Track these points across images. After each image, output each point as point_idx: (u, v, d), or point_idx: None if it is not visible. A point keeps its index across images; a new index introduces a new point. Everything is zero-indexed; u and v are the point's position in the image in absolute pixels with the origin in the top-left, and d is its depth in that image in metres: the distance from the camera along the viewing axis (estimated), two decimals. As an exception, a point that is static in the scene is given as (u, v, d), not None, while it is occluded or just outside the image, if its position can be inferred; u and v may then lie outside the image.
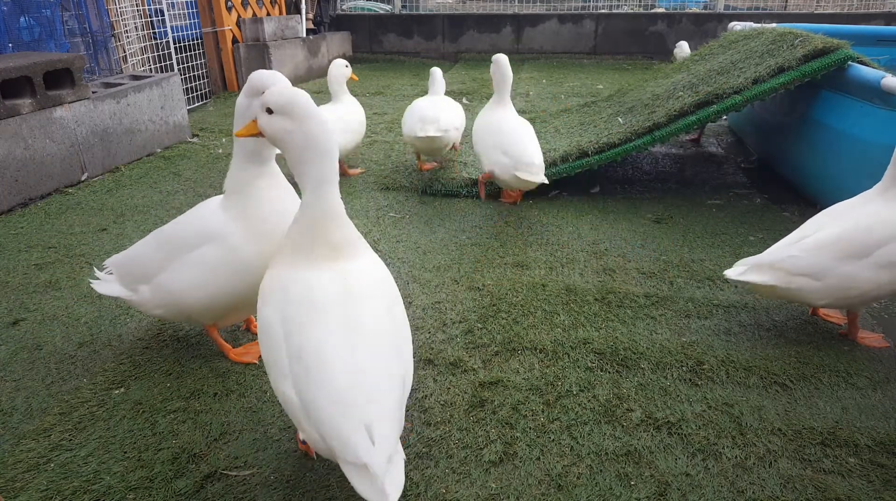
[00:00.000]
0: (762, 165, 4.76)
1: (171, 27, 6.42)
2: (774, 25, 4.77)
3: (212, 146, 5.31)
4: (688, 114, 3.74)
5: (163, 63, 6.38)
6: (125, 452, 1.92)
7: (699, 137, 5.47)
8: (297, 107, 1.60)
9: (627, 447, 1.93)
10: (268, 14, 8.09)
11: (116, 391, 2.20)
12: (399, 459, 1.43)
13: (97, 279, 2.38)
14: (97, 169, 4.49)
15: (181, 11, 6.75)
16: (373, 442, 1.37)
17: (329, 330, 1.52)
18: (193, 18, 6.99)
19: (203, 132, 5.69)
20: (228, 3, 7.30)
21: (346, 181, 4.39)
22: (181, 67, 6.61)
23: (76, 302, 2.79)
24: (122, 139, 4.71)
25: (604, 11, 9.86)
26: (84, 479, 1.81)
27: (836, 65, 3.54)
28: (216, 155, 5.07)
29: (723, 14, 9.33)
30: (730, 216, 3.77)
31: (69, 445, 1.95)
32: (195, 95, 6.86)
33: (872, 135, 3.27)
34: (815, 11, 9.68)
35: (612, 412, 2.08)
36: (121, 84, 4.84)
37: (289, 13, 8.63)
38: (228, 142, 5.41)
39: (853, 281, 2.27)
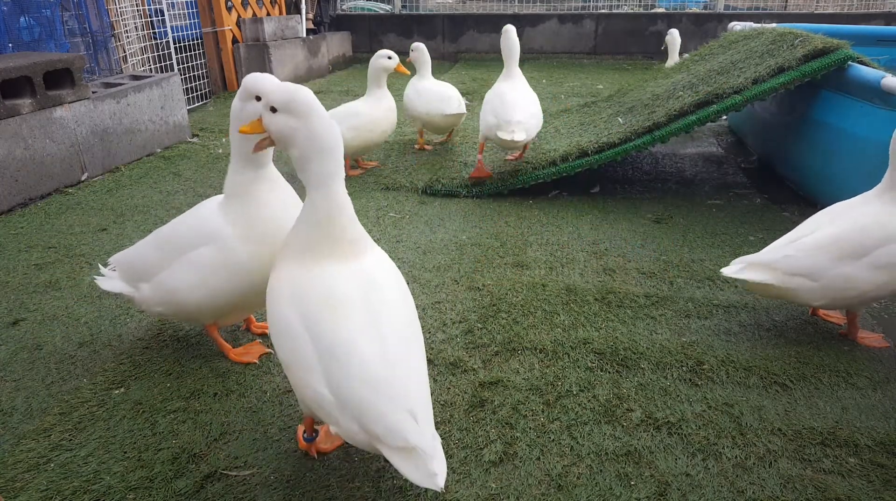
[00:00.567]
0: (762, 165, 4.76)
1: (171, 27, 6.42)
2: (774, 25, 4.77)
3: (212, 146, 5.31)
4: (688, 114, 3.74)
5: (163, 63, 6.38)
6: (125, 452, 1.92)
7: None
8: (301, 104, 1.60)
9: (627, 447, 1.93)
10: (268, 14, 8.09)
11: (116, 391, 2.20)
12: (438, 441, 1.48)
13: (102, 276, 2.41)
14: (97, 169, 4.49)
15: (181, 11, 6.75)
16: (418, 425, 1.43)
17: (357, 324, 1.55)
18: (193, 18, 6.99)
19: (203, 132, 5.69)
20: (228, 3, 7.30)
21: (347, 181, 4.39)
22: (181, 67, 6.61)
23: (76, 302, 2.79)
24: (122, 139, 4.71)
25: (604, 11, 9.86)
26: (84, 479, 1.81)
27: (836, 65, 3.54)
28: (216, 155, 5.07)
29: (723, 14, 9.33)
30: (730, 216, 3.77)
31: (69, 445, 1.95)
32: (195, 95, 6.86)
33: (872, 135, 3.27)
34: (815, 11, 9.68)
35: (612, 412, 2.08)
36: (121, 84, 4.84)
37: (289, 13, 8.63)
38: (228, 142, 5.41)
39: (849, 282, 2.27)
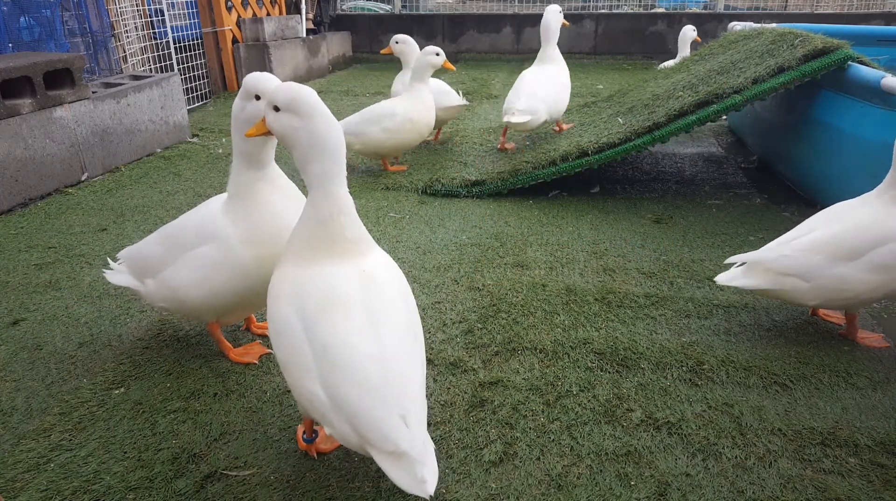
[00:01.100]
0: (762, 165, 4.76)
1: (171, 27, 6.42)
2: (774, 25, 4.77)
3: (212, 146, 5.31)
4: (688, 114, 3.74)
5: (163, 63, 6.38)
6: (125, 452, 1.92)
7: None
8: (303, 104, 1.60)
9: (627, 447, 1.93)
10: (268, 14, 8.09)
11: (116, 391, 2.20)
12: (430, 446, 1.45)
13: (110, 270, 2.45)
14: (97, 169, 4.49)
15: (181, 11, 6.75)
16: (409, 430, 1.40)
17: (353, 324, 1.53)
18: (193, 18, 6.99)
19: (203, 132, 5.69)
20: (228, 3, 7.30)
21: (347, 181, 4.39)
22: (181, 67, 6.61)
23: (76, 302, 2.79)
24: (122, 139, 4.71)
25: (604, 11, 9.86)
26: (84, 479, 1.81)
27: (836, 65, 3.54)
28: (216, 155, 5.07)
29: (723, 14, 9.33)
30: (730, 216, 3.77)
31: (69, 445, 1.95)
32: (195, 95, 6.85)
33: (872, 135, 3.27)
34: (815, 11, 9.68)
35: (612, 412, 2.08)
36: (121, 84, 4.84)
37: (289, 13, 8.63)
38: (228, 142, 5.41)
39: (844, 283, 2.26)
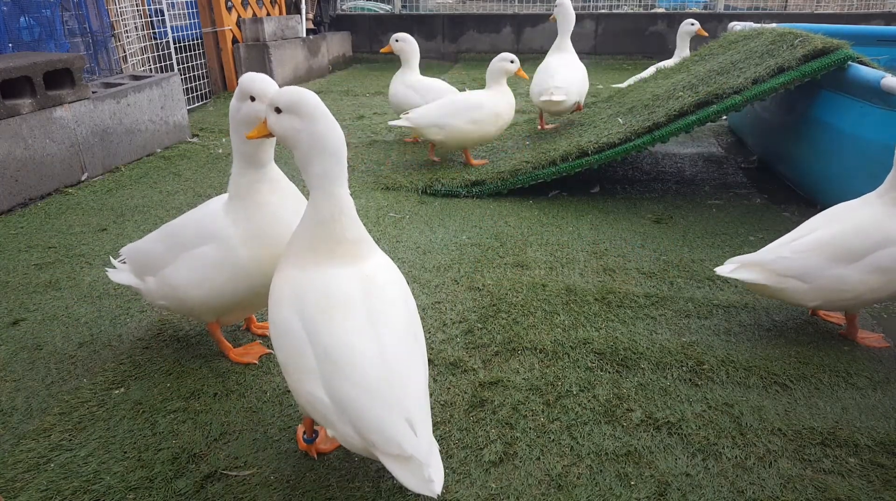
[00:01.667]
0: (762, 165, 4.76)
1: (171, 27, 6.42)
2: (774, 25, 4.77)
3: (212, 146, 5.31)
4: (688, 114, 3.74)
5: (163, 63, 6.38)
6: (125, 452, 1.92)
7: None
8: (305, 105, 1.60)
9: (627, 447, 1.93)
10: (268, 14, 8.09)
11: (116, 391, 2.20)
12: (435, 447, 1.45)
13: (113, 269, 2.45)
14: (97, 169, 4.49)
15: (181, 11, 6.75)
16: (415, 433, 1.40)
17: (355, 326, 1.53)
18: (193, 18, 6.99)
19: (203, 132, 5.69)
20: (228, 3, 7.30)
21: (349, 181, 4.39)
22: (181, 67, 6.61)
23: (76, 302, 2.79)
24: (122, 139, 4.71)
25: (604, 11, 9.86)
26: (84, 479, 1.81)
27: (836, 65, 3.54)
28: (216, 155, 5.07)
29: (723, 14, 9.32)
30: (730, 216, 3.77)
31: (69, 445, 1.95)
32: (195, 95, 6.86)
33: (872, 135, 3.27)
34: (815, 11, 9.68)
35: (612, 412, 2.08)
36: (121, 84, 4.84)
37: (289, 13, 8.63)
38: (228, 142, 5.41)
39: (843, 285, 2.26)
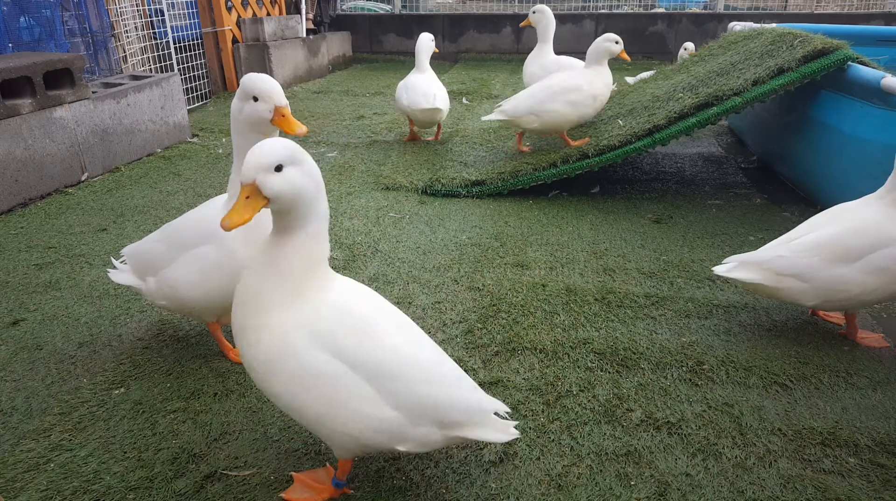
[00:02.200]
0: (762, 165, 4.76)
1: (171, 27, 6.42)
2: (774, 26, 4.77)
3: (212, 146, 5.31)
4: (688, 116, 3.74)
5: (163, 63, 6.38)
6: (125, 452, 1.92)
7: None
8: (299, 150, 1.49)
9: (627, 447, 1.93)
10: (268, 14, 8.09)
11: (116, 391, 2.20)
12: (495, 400, 1.73)
13: (114, 269, 2.45)
14: (97, 169, 4.49)
15: (181, 11, 6.75)
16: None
17: (390, 333, 1.59)
18: (193, 18, 6.99)
19: (203, 132, 5.69)
20: (228, 3, 7.30)
21: (347, 181, 4.40)
22: (181, 67, 6.60)
23: (76, 302, 2.79)
24: (122, 139, 4.71)
25: (604, 11, 9.85)
26: (84, 479, 1.81)
27: (836, 65, 3.54)
28: (216, 155, 5.07)
29: (723, 14, 9.32)
30: (730, 216, 3.77)
31: (69, 445, 1.95)
32: (195, 95, 6.85)
33: (872, 135, 3.28)
34: (815, 11, 9.68)
35: (612, 412, 2.08)
36: (121, 84, 4.84)
37: (289, 13, 8.62)
38: (228, 142, 5.41)
39: (841, 285, 2.27)
